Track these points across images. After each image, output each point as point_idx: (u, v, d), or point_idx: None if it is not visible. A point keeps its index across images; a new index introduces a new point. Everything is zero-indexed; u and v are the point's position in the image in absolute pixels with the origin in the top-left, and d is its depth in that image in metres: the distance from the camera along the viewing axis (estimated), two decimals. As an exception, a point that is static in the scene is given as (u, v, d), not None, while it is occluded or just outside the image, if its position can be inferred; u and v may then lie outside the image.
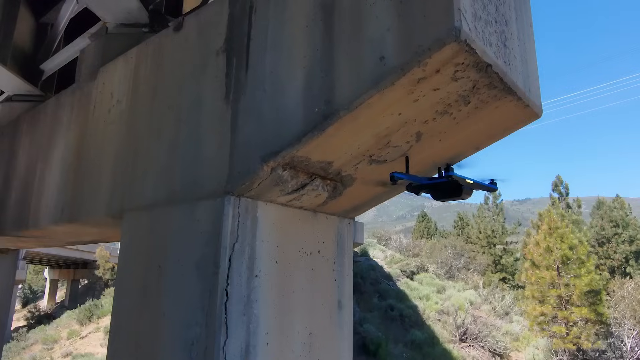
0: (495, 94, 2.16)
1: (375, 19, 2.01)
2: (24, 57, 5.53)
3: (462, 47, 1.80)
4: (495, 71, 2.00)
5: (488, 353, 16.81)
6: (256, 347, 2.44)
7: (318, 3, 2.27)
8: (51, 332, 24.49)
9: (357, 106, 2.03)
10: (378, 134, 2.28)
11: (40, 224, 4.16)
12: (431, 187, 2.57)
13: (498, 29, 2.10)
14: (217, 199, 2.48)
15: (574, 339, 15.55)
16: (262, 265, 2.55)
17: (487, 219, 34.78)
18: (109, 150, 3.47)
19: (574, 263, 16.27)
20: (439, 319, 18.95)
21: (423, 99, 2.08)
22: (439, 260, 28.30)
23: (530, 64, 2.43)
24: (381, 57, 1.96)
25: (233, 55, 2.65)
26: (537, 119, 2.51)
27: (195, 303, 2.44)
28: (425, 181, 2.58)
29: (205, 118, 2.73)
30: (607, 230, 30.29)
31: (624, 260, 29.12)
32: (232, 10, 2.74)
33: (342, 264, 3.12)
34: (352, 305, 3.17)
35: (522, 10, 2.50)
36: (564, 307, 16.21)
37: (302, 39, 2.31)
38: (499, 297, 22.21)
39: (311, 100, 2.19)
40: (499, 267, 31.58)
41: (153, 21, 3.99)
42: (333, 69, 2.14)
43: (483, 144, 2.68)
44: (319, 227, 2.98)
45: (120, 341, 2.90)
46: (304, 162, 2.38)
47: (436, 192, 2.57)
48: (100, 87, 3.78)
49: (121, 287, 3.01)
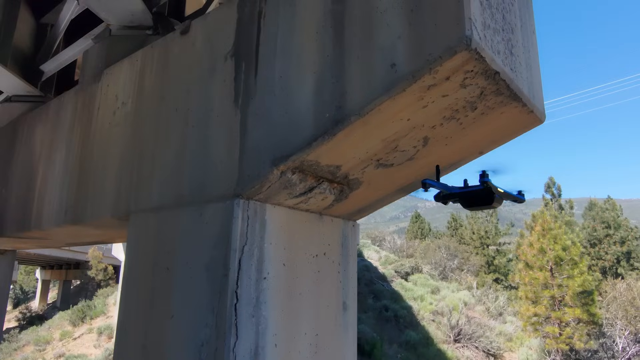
0: (501, 100, 2.21)
1: (387, 27, 2.05)
2: (24, 57, 5.51)
3: (472, 55, 1.85)
4: (502, 78, 2.05)
5: (482, 353, 16.92)
6: (265, 348, 2.47)
7: (328, 10, 2.31)
8: (43, 333, 24.30)
9: (367, 112, 2.07)
10: (386, 139, 2.32)
11: (42, 226, 4.16)
12: (462, 195, 2.58)
13: (505, 37, 2.15)
14: (227, 202, 2.51)
15: (567, 339, 15.70)
16: (270, 267, 2.58)
17: (481, 219, 34.98)
18: (114, 152, 3.48)
19: (567, 264, 16.44)
20: (434, 319, 19.04)
21: (432, 104, 2.13)
22: (432, 261, 28.43)
23: (534, 70, 2.49)
24: (392, 64, 2.00)
25: (242, 60, 2.68)
26: (541, 124, 2.57)
27: (204, 305, 2.47)
28: (456, 190, 2.59)
29: (213, 121, 2.76)
30: (599, 231, 30.59)
31: (615, 261, 29.43)
32: (241, 15, 2.77)
33: (346, 265, 3.16)
34: (356, 307, 3.22)
35: (526, 18, 2.55)
36: (557, 307, 16.36)
37: (312, 45, 2.34)
38: (493, 297, 22.36)
39: (322, 105, 2.23)
40: (492, 267, 31.80)
41: (157, 24, 4.01)
42: (344, 75, 2.18)
43: (487, 149, 2.73)
44: (324, 229, 3.02)
45: (127, 341, 2.91)
46: (313, 166, 2.42)
47: (467, 201, 2.57)
48: (105, 89, 3.79)
49: (128, 287, 3.03)
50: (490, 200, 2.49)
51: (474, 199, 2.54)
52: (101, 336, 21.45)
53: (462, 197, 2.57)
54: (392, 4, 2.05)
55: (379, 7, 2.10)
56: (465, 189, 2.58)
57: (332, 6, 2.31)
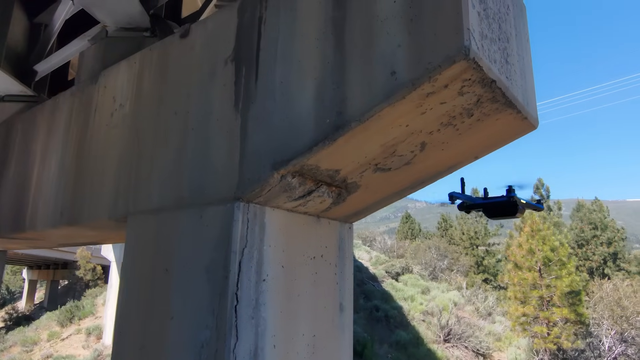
0: (497, 108, 2.28)
1: (387, 35, 2.11)
2: (17, 57, 5.48)
3: (470, 64, 1.91)
4: (498, 86, 2.12)
5: (471, 353, 17.10)
6: (264, 349, 2.51)
7: (329, 17, 2.35)
8: (30, 333, 24.05)
9: (368, 118, 2.12)
10: (385, 144, 2.37)
11: (37, 227, 4.15)
12: (486, 206, 2.69)
13: (501, 46, 2.21)
14: (227, 205, 2.55)
15: (555, 339, 15.93)
16: (269, 269, 2.62)
17: (470, 220, 35.29)
18: (111, 153, 3.49)
19: (555, 264, 16.68)
20: (424, 319, 19.19)
21: (430, 111, 2.18)
22: (423, 261, 28.64)
23: (527, 78, 2.56)
24: (392, 72, 2.05)
25: (242, 65, 2.72)
26: (534, 129, 2.64)
27: (205, 306, 2.50)
28: (480, 201, 2.70)
29: (213, 125, 2.79)
30: (586, 232, 31.04)
31: (602, 261, 29.88)
32: (241, 20, 2.80)
33: (343, 267, 3.21)
34: (352, 308, 3.27)
35: (520, 27, 2.62)
36: (545, 307, 16.59)
37: (313, 51, 2.39)
38: (482, 297, 22.59)
39: (323, 111, 2.27)
40: (482, 268, 32.11)
41: (154, 26, 4.02)
42: (344, 81, 2.22)
43: (482, 154, 2.80)
44: (322, 232, 3.06)
45: (125, 342, 2.93)
46: (313, 170, 2.46)
47: (491, 211, 2.68)
48: (102, 91, 3.80)
49: (126, 288, 3.04)
50: (514, 211, 2.62)
51: (498, 209, 2.65)
52: (90, 337, 21.28)
53: (487, 207, 2.69)
54: (392, 13, 2.11)
55: (379, 16, 2.15)
56: (489, 200, 2.68)
57: (332, 13, 2.36)
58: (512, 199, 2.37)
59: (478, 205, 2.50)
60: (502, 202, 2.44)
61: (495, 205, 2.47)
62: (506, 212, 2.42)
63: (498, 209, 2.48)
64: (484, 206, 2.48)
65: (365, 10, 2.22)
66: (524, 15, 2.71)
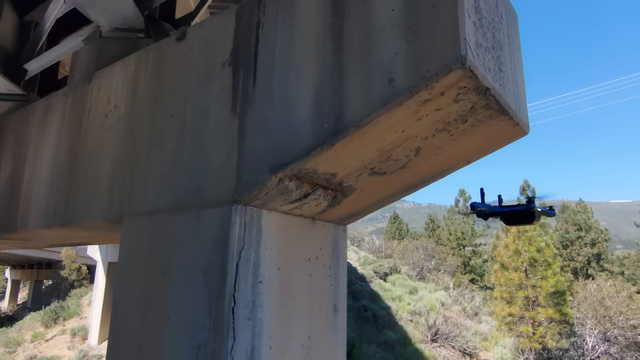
0: (490, 114, 2.34)
1: (385, 43, 2.15)
2: (7, 55, 5.42)
3: (466, 73, 1.96)
4: (492, 94, 2.18)
5: (458, 353, 17.28)
6: (260, 350, 2.54)
7: (327, 24, 2.39)
8: (13, 334, 23.67)
9: (365, 124, 2.17)
10: (382, 149, 2.42)
11: (28, 227, 4.12)
12: (504, 214, 2.79)
13: (495, 54, 2.27)
14: (225, 208, 2.57)
15: (540, 339, 16.19)
16: (266, 271, 2.65)
17: (457, 221, 35.63)
18: (106, 154, 3.49)
19: (541, 265, 16.94)
20: (411, 319, 19.34)
21: (426, 117, 2.23)
22: (410, 261, 28.84)
23: (519, 85, 2.63)
24: (390, 79, 2.10)
25: (240, 68, 2.74)
26: (525, 135, 2.71)
27: (202, 308, 2.52)
28: (498, 209, 2.81)
29: (210, 128, 2.81)
30: (571, 233, 31.54)
31: (586, 262, 30.38)
32: (239, 24, 2.83)
33: (337, 269, 3.25)
34: (346, 309, 3.31)
35: (513, 35, 2.69)
36: (531, 307, 16.84)
37: (311, 57, 2.42)
38: (469, 298, 22.83)
39: (321, 116, 2.31)
40: (469, 268, 32.43)
41: (148, 27, 4.02)
42: (343, 87, 2.26)
43: (474, 158, 2.86)
44: (316, 234, 3.10)
45: (121, 344, 2.94)
46: (310, 173, 2.50)
47: (508, 219, 2.79)
48: (96, 91, 3.79)
49: (121, 290, 3.05)
50: (531, 219, 2.74)
51: (516, 217, 2.77)
52: (75, 337, 21.03)
53: (505, 215, 2.80)
54: (390, 22, 2.15)
55: (378, 24, 2.20)
56: (507, 208, 2.79)
57: (331, 20, 2.40)
58: (531, 209, 2.54)
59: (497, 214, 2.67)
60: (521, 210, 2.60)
61: (514, 213, 2.64)
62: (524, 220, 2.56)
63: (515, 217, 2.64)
64: (503, 214, 2.64)
65: (364, 18, 2.26)
66: (516, 24, 2.78)
